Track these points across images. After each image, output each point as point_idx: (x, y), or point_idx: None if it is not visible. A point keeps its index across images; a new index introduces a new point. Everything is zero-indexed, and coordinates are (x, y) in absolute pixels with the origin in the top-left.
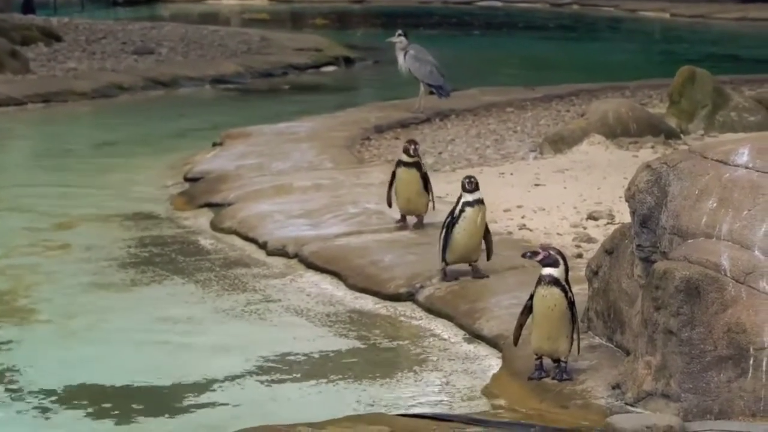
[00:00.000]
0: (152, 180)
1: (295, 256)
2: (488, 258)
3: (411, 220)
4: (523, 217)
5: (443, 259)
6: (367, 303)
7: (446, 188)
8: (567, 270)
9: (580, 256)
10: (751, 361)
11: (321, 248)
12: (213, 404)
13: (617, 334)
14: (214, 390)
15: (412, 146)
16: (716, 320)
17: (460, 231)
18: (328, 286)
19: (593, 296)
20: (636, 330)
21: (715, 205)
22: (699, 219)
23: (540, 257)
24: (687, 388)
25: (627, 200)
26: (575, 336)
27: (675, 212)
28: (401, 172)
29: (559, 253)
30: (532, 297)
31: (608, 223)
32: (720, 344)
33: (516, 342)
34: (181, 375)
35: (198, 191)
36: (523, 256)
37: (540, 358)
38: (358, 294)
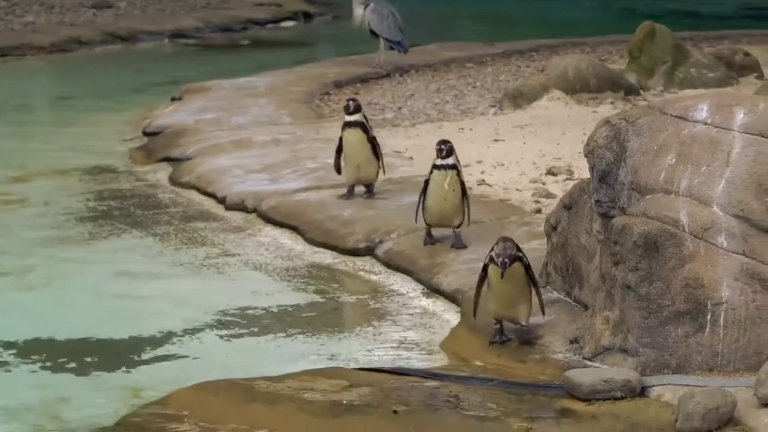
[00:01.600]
0: (111, 134)
1: (254, 210)
2: (467, 223)
3: (360, 190)
4: (482, 173)
5: (425, 221)
6: (326, 257)
7: (405, 143)
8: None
9: (539, 211)
10: (709, 316)
11: (280, 203)
12: (171, 357)
13: (575, 289)
14: (172, 343)
15: (352, 103)
16: (674, 275)
17: (429, 194)
18: (286, 240)
19: (552, 251)
20: (594, 285)
21: (674, 160)
22: (658, 174)
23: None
24: (645, 342)
25: (586, 156)
26: (535, 297)
27: (634, 168)
28: (347, 134)
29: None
30: (486, 268)
31: (567, 179)
32: (678, 299)
33: (475, 314)
34: (138, 328)
35: (156, 145)
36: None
37: (499, 322)
38: (316, 248)
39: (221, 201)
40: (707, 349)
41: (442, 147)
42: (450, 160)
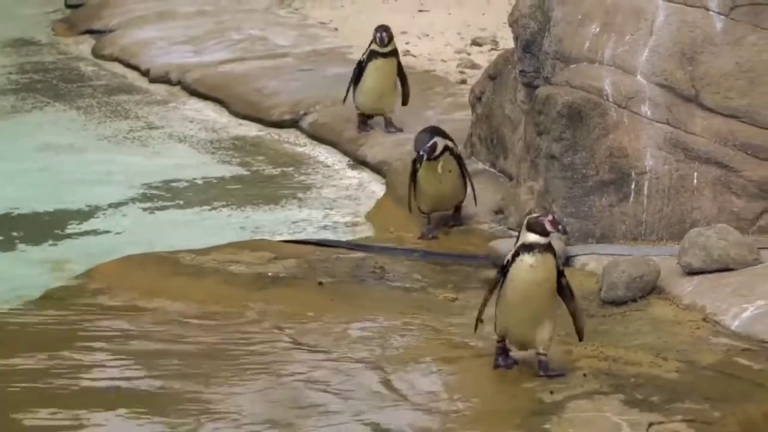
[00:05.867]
0: (32, 6)
1: (178, 83)
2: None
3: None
4: (407, 44)
5: (420, 210)
6: (251, 130)
7: (330, 14)
8: None
9: (464, 82)
10: (633, 186)
11: (204, 75)
12: (95, 231)
13: (500, 159)
14: (97, 217)
15: (386, 34)
16: (598, 145)
17: (420, 180)
18: (211, 113)
19: (476, 122)
20: (519, 155)
21: (597, 29)
22: (582, 44)
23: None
24: (569, 212)
25: (510, 25)
26: (553, 326)
27: (558, 37)
28: (380, 63)
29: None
30: (505, 268)
31: (492, 49)
32: (602, 169)
33: (478, 324)
34: (63, 202)
35: (79, 17)
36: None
37: (503, 341)
38: (241, 121)
39: (145, 73)
40: (631, 218)
41: (425, 151)
42: (438, 149)
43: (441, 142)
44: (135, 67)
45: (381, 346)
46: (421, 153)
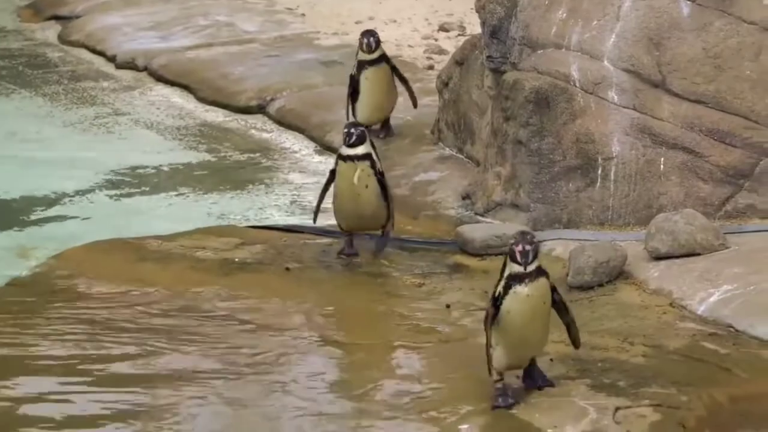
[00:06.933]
0: None
1: (145, 69)
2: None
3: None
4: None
5: (339, 226)
6: (218, 116)
7: (296, 1)
8: None
9: (431, 67)
10: (600, 171)
11: (171, 61)
12: (62, 218)
13: (467, 145)
14: (63, 204)
15: (373, 39)
16: (565, 130)
17: (338, 191)
18: (177, 99)
19: (443, 107)
20: (486, 141)
21: (564, 15)
22: (549, 29)
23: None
24: (536, 197)
25: (477, 11)
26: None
27: (525, 23)
28: (369, 74)
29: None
30: (497, 298)
31: (459, 35)
32: (569, 154)
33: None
34: (29, 189)
35: (45, 3)
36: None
37: (502, 379)
38: (208, 107)
39: (111, 59)
40: (598, 203)
41: (352, 131)
42: (360, 149)
43: (368, 145)
44: (101, 53)
45: (347, 331)
46: (351, 131)
